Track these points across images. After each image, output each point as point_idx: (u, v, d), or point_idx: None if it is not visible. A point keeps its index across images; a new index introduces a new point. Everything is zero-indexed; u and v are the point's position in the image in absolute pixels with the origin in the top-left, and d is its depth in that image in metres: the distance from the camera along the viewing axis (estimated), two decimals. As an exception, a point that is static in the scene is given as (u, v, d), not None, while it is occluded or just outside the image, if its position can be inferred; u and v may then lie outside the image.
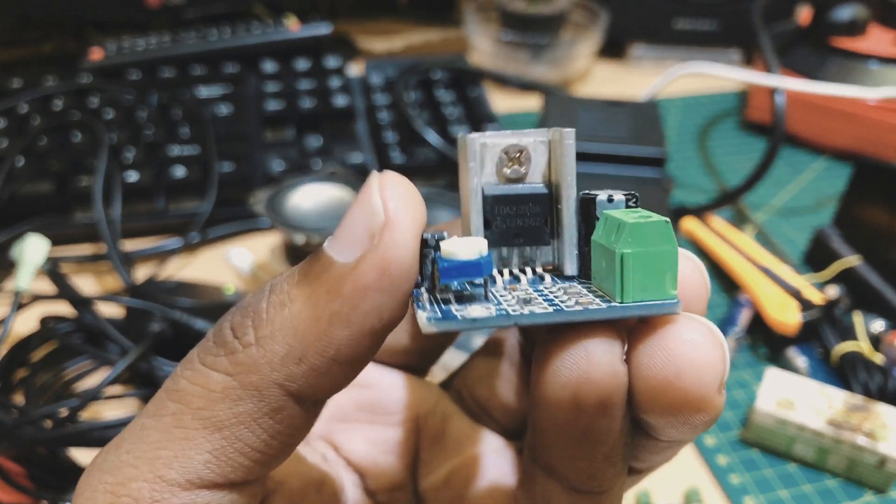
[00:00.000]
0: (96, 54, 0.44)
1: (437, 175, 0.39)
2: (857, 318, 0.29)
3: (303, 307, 0.09)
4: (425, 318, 0.09)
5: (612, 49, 0.55)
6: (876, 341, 0.29)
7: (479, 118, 0.40)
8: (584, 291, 0.10)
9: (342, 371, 0.10)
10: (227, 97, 0.41)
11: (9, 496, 0.23)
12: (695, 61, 0.51)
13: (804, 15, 0.46)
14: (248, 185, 0.36)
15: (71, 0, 0.45)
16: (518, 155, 0.10)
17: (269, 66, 0.44)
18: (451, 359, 0.22)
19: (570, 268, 0.10)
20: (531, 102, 0.49)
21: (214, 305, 0.26)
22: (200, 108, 0.39)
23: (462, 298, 0.10)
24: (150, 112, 0.40)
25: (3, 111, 0.39)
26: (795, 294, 0.30)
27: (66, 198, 0.35)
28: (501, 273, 0.10)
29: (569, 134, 0.10)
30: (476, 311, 0.09)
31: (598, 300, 0.09)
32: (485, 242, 0.09)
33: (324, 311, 0.09)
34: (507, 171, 0.10)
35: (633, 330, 0.09)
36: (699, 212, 0.37)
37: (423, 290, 0.10)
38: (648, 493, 0.24)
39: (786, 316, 0.29)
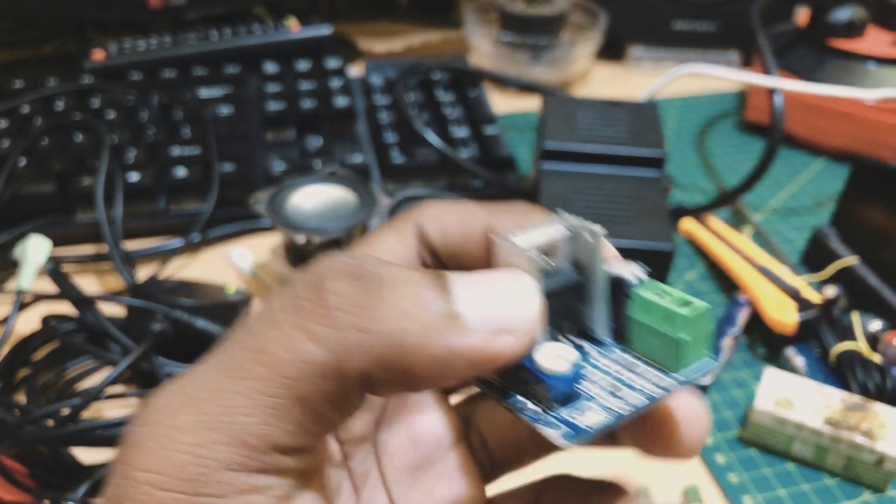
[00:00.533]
0: (98, 55, 0.44)
1: (437, 175, 0.39)
2: (855, 318, 0.29)
3: (417, 329, 0.10)
4: (560, 436, 0.11)
5: (612, 50, 0.55)
6: (874, 341, 0.29)
7: (479, 119, 0.41)
8: (637, 362, 0.12)
9: (405, 390, 0.10)
10: (227, 98, 0.42)
11: (11, 495, 0.24)
12: (693, 62, 0.52)
13: (802, 16, 0.46)
14: (248, 186, 0.37)
15: (72, 1, 0.46)
16: (549, 250, 0.11)
17: (270, 67, 0.44)
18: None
19: (604, 334, 0.12)
20: (531, 103, 0.49)
21: (216, 305, 0.26)
22: (201, 109, 0.39)
23: (563, 400, 0.11)
24: (151, 113, 0.40)
25: (5, 111, 0.39)
26: (794, 294, 0.30)
27: (67, 198, 0.35)
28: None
29: (595, 232, 0.11)
30: (592, 417, 0.11)
31: (656, 372, 0.11)
32: (575, 351, 0.11)
33: (429, 347, 0.10)
34: (542, 264, 0.11)
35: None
36: (698, 212, 0.37)
37: (523, 400, 0.11)
38: (647, 491, 0.25)
39: (784, 315, 0.29)
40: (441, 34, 0.58)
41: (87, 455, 0.25)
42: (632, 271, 0.12)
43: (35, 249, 0.28)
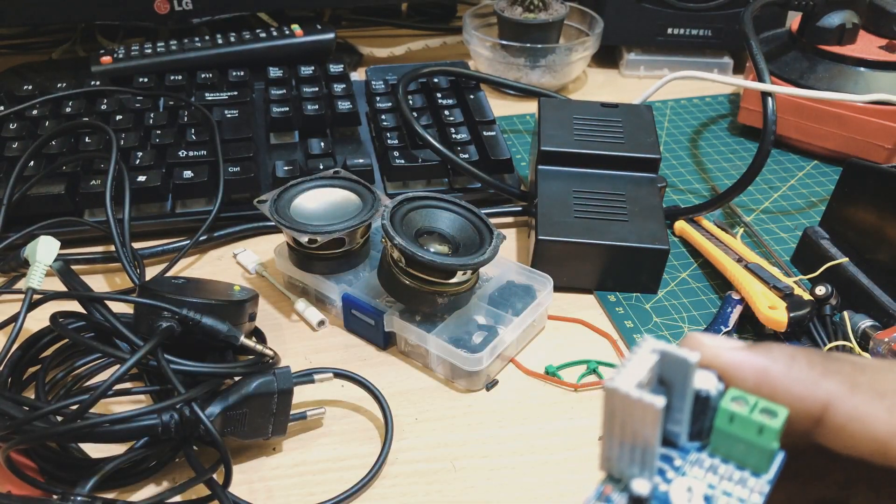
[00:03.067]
0: (106, 59, 0.45)
1: (438, 177, 0.40)
2: (846, 317, 0.30)
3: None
4: None
5: (607, 55, 0.56)
6: (864, 339, 0.30)
7: (478, 122, 0.42)
8: (725, 473, 0.12)
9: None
10: (233, 101, 0.42)
11: (20, 490, 0.24)
12: (687, 67, 0.53)
13: (794, 22, 0.47)
14: (253, 187, 0.37)
15: (81, 6, 0.46)
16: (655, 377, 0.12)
17: (275, 72, 0.45)
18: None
19: (685, 441, 0.13)
20: (528, 106, 0.50)
21: (222, 303, 0.27)
22: (207, 112, 0.40)
23: None
24: (158, 116, 0.41)
25: (16, 114, 0.40)
26: (785, 292, 0.31)
27: (76, 199, 0.36)
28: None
29: (688, 353, 0.12)
30: None
31: (752, 481, 0.12)
32: (700, 483, 0.12)
33: None
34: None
35: None
36: (691, 213, 0.38)
37: None
38: None
39: (775, 314, 0.30)
40: (441, 40, 0.59)
41: (95, 451, 0.26)
42: (714, 384, 0.12)
43: (44, 249, 0.29)
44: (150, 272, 0.35)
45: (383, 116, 0.42)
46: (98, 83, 0.43)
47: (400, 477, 0.26)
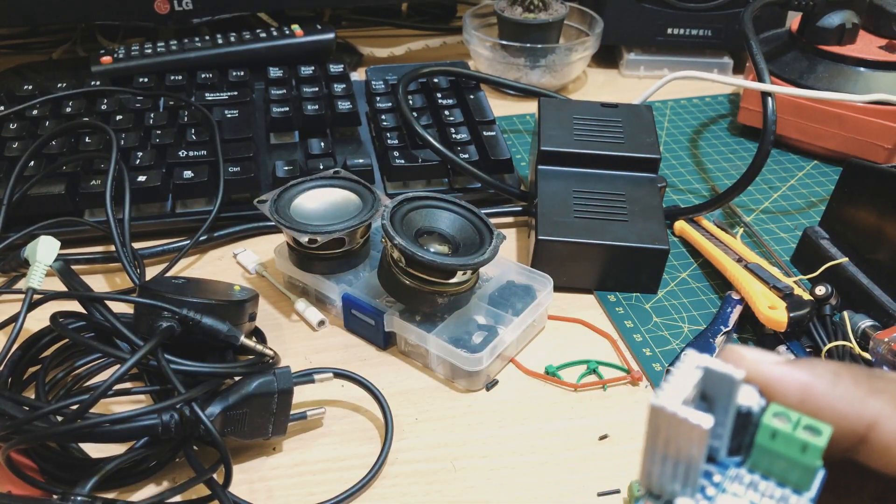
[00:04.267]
0: (106, 59, 0.45)
1: (438, 177, 0.40)
2: (846, 317, 0.30)
3: None
4: None
5: (607, 55, 0.56)
6: (864, 339, 0.30)
7: (478, 122, 0.42)
8: (767, 490, 0.12)
9: None
10: (233, 101, 0.42)
11: (20, 490, 0.24)
12: (687, 67, 0.53)
13: (794, 22, 0.47)
14: (253, 187, 0.37)
15: (81, 6, 0.46)
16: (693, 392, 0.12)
17: (275, 72, 0.45)
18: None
19: (724, 455, 0.12)
20: (528, 106, 0.50)
21: (222, 303, 0.27)
22: (207, 112, 0.40)
23: None
24: (158, 116, 0.41)
25: (16, 114, 0.40)
26: (785, 292, 0.31)
27: (76, 199, 0.36)
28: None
29: (734, 371, 0.12)
30: None
31: (793, 494, 0.12)
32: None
33: None
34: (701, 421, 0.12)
35: None
36: (691, 213, 0.38)
37: None
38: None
39: (775, 314, 0.30)
40: (441, 40, 0.59)
41: (95, 451, 0.26)
42: (756, 399, 0.12)
43: (44, 249, 0.29)
44: (151, 272, 0.35)
45: (383, 116, 0.42)
46: (98, 83, 0.43)
47: (400, 477, 0.26)
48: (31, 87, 0.42)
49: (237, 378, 0.26)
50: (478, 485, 0.26)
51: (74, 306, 0.28)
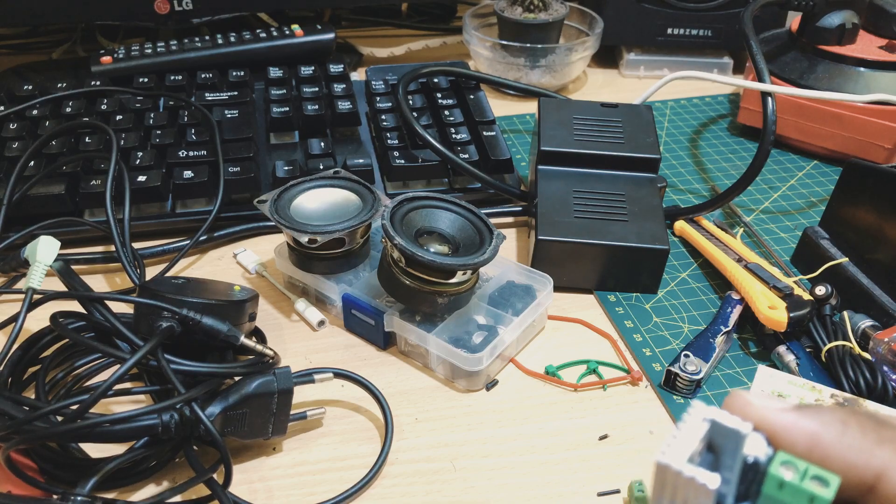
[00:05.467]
0: (106, 59, 0.45)
1: (438, 177, 0.40)
2: (845, 317, 0.30)
3: None
4: None
5: (607, 55, 0.56)
6: (864, 339, 0.30)
7: (478, 122, 0.42)
8: None
9: None
10: (233, 102, 0.42)
11: (20, 490, 0.24)
12: (687, 67, 0.53)
13: (794, 22, 0.47)
14: (253, 187, 0.37)
15: (81, 7, 0.46)
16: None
17: (275, 72, 0.45)
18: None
19: (732, 502, 0.12)
20: (528, 106, 0.50)
21: (222, 303, 0.27)
22: (207, 112, 0.40)
23: None
24: (158, 116, 0.41)
25: (16, 114, 0.40)
26: (785, 292, 0.31)
27: (76, 199, 0.36)
28: None
29: (742, 434, 0.12)
30: None
31: None
32: None
33: None
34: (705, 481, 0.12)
35: None
36: (691, 213, 0.38)
37: None
38: (643, 483, 0.25)
39: (776, 314, 0.30)
40: (441, 40, 0.59)
41: (95, 451, 0.26)
42: (763, 449, 0.12)
43: (44, 249, 0.29)
44: (151, 272, 0.35)
45: (383, 116, 0.42)
46: (98, 83, 0.43)
47: (400, 477, 0.26)
48: (31, 87, 0.42)
49: (237, 378, 0.26)
50: (478, 485, 0.26)
51: (74, 306, 0.28)
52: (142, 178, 0.36)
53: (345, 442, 0.27)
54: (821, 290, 0.31)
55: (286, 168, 0.38)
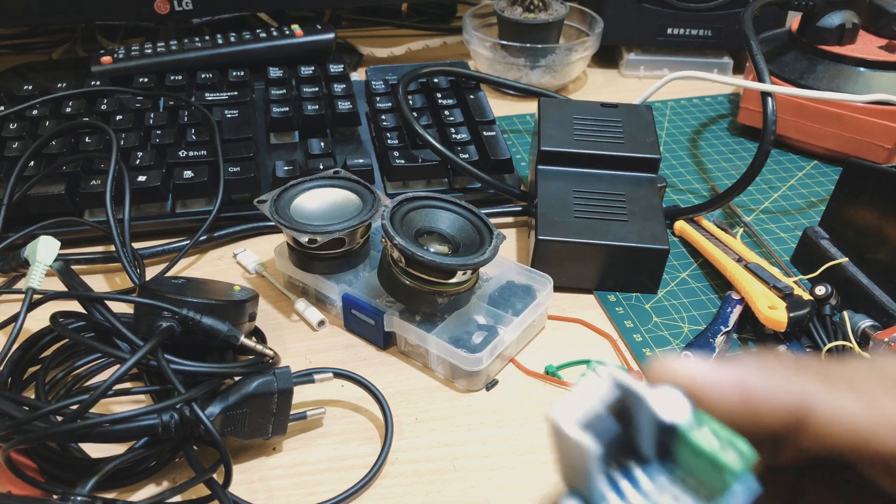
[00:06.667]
0: (106, 59, 0.45)
1: (438, 177, 0.40)
2: (845, 317, 0.30)
3: None
4: None
5: (607, 55, 0.56)
6: (864, 339, 0.30)
7: (478, 122, 0.42)
8: (684, 495, 0.12)
9: None
10: (233, 102, 0.42)
11: (20, 490, 0.24)
12: (687, 67, 0.53)
13: (794, 22, 0.47)
14: (253, 187, 0.37)
15: (81, 7, 0.46)
16: (601, 403, 0.12)
17: (275, 72, 0.45)
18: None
19: (651, 458, 0.12)
20: (528, 106, 0.50)
21: (222, 303, 0.27)
22: (208, 112, 0.40)
23: None
24: (158, 116, 0.41)
25: (16, 115, 0.40)
26: (785, 292, 0.31)
27: (76, 199, 0.36)
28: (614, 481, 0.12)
29: (641, 396, 0.12)
30: None
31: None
32: None
33: None
34: (591, 442, 0.12)
35: None
36: (691, 213, 0.38)
37: None
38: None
39: (775, 314, 0.30)
40: (441, 40, 0.59)
41: (95, 451, 0.26)
42: (676, 412, 0.12)
43: (44, 249, 0.29)
44: (151, 272, 0.35)
45: (383, 116, 0.42)
46: (98, 83, 0.43)
47: (400, 477, 0.26)
48: (31, 88, 0.42)
49: (237, 378, 0.26)
50: (478, 485, 0.26)
51: (74, 306, 0.28)
52: (142, 178, 0.36)
53: (345, 442, 0.27)
54: (821, 290, 0.31)
55: (286, 168, 0.38)
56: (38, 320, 0.28)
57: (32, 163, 0.36)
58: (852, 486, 0.13)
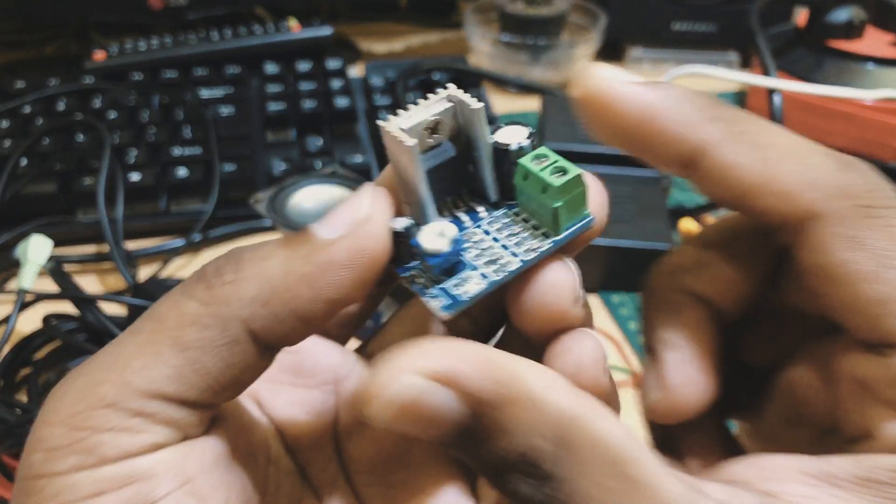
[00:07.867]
0: (99, 56, 0.44)
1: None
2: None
3: (279, 263, 0.11)
4: (439, 307, 0.11)
5: (611, 51, 0.55)
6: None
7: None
8: (520, 227, 0.12)
9: (297, 325, 0.11)
10: (229, 98, 0.42)
11: (11, 494, 0.24)
12: (693, 63, 0.52)
13: (801, 17, 0.46)
14: (249, 186, 0.37)
15: (74, 2, 0.46)
16: (435, 126, 0.12)
17: (271, 68, 0.44)
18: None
19: (494, 196, 0.12)
20: (530, 103, 0.49)
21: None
22: (203, 109, 0.39)
23: (447, 272, 0.12)
24: (152, 113, 0.40)
25: (7, 112, 0.39)
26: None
27: (69, 198, 0.35)
28: (445, 214, 0.13)
29: (473, 101, 0.12)
30: (471, 286, 0.11)
31: (537, 241, 0.12)
32: (454, 228, 0.11)
33: (294, 270, 0.11)
34: (429, 141, 0.12)
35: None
36: (696, 212, 0.37)
37: (411, 275, 0.12)
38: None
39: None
40: (441, 35, 0.58)
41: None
42: (515, 139, 0.12)
43: (36, 249, 0.29)
44: (145, 272, 0.34)
45: (382, 113, 0.41)
46: (91, 80, 0.42)
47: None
48: (22, 84, 0.42)
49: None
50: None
51: (67, 307, 0.27)
52: (135, 177, 0.36)
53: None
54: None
55: (283, 166, 0.37)
56: (30, 321, 0.28)
57: (24, 161, 0.36)
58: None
